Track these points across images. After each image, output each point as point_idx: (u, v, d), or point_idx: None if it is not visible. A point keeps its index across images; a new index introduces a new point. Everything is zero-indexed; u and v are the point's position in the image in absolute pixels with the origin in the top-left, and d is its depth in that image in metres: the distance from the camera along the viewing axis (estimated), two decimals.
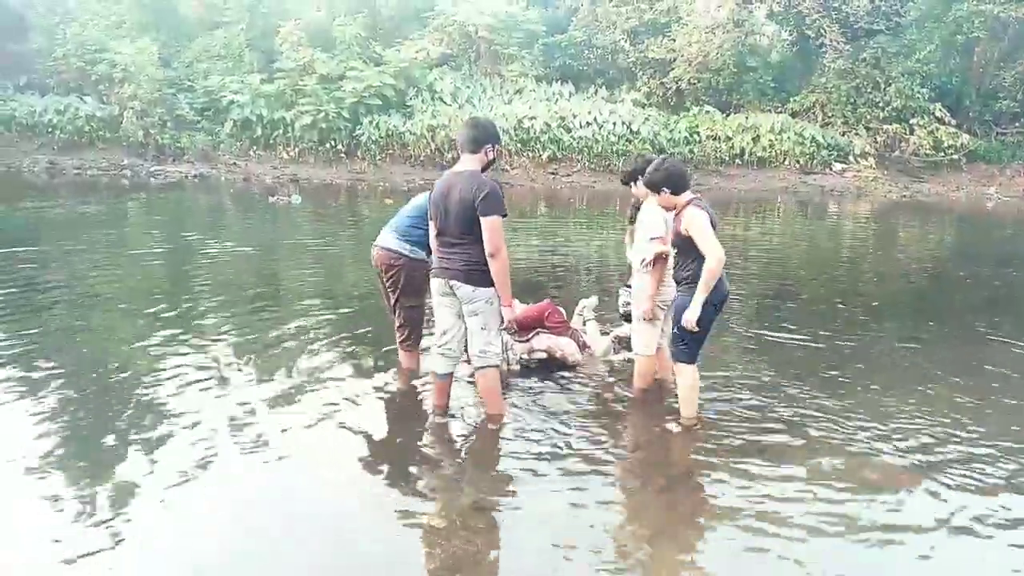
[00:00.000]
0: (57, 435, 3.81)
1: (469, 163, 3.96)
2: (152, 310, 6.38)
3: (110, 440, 3.78)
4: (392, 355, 5.00)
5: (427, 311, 4.71)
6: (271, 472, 3.55)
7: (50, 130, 20.91)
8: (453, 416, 4.30)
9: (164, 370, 4.81)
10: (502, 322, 4.05)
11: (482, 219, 3.78)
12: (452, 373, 4.28)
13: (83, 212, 12.89)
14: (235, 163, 21.48)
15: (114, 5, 24.26)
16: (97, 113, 21.20)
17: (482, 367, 4.09)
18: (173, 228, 11.37)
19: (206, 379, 4.67)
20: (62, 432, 3.85)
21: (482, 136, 3.96)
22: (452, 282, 3.95)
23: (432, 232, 4.09)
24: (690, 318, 3.82)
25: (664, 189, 4.00)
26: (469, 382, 4.59)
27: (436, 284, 4.10)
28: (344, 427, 4.10)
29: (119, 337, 5.64)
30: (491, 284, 3.92)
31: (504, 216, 3.86)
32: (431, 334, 4.59)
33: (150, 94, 21.18)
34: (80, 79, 22.05)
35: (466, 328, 4.09)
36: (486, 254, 3.82)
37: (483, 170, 3.98)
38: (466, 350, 4.21)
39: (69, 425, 3.95)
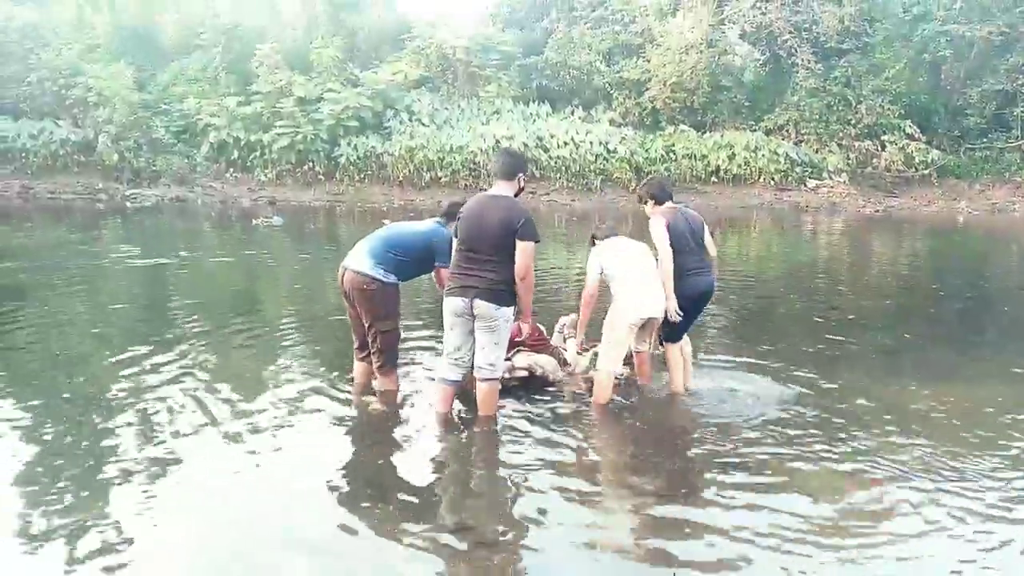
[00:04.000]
0: (25, 461, 3.73)
1: (504, 189, 4.26)
2: (128, 334, 6.30)
3: (80, 465, 3.71)
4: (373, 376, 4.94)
5: (402, 332, 4.85)
6: (250, 493, 3.51)
7: (23, 154, 20.75)
8: (437, 430, 4.30)
9: (140, 394, 4.72)
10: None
11: (520, 242, 4.06)
12: (460, 380, 4.41)
13: (57, 236, 12.74)
14: (211, 186, 21.40)
15: (89, 29, 24.18)
16: (71, 137, 21.07)
17: (487, 379, 4.28)
18: (151, 251, 11.25)
19: (184, 402, 4.59)
20: (29, 458, 3.77)
21: (516, 165, 4.32)
22: (475, 301, 4.07)
23: (456, 250, 4.26)
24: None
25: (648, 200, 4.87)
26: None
27: (454, 304, 4.15)
28: (325, 448, 4.05)
29: (93, 361, 5.55)
30: (511, 304, 4.17)
31: (537, 242, 4.15)
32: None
33: (125, 118, 21.11)
34: (54, 103, 21.92)
35: (474, 341, 4.26)
36: (516, 275, 4.10)
37: (515, 195, 4.29)
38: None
39: (37, 449, 3.87)
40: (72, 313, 7.08)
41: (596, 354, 5.34)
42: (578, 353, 5.33)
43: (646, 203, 4.91)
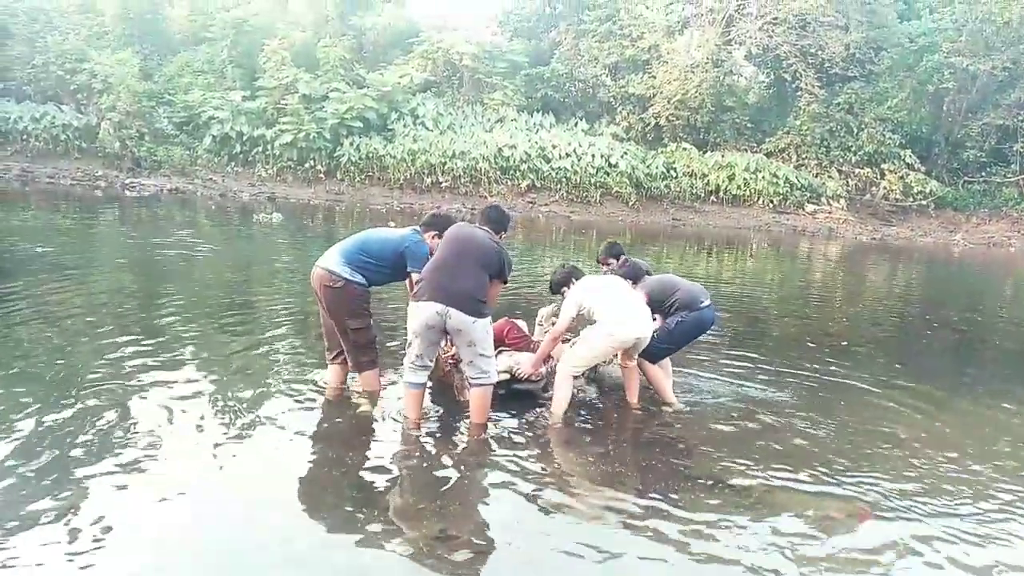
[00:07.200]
0: (11, 451, 3.71)
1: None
2: (116, 322, 6.27)
3: (67, 459, 3.69)
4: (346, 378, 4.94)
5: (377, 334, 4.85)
6: (234, 495, 3.49)
7: (24, 137, 20.68)
8: (424, 436, 4.28)
9: (119, 386, 4.69)
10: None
11: (495, 279, 4.33)
12: (426, 382, 4.46)
13: (53, 221, 12.70)
14: (212, 178, 21.37)
15: (97, 16, 24.19)
16: (74, 122, 21.04)
17: (481, 384, 4.32)
18: (150, 242, 11.22)
19: (171, 398, 4.56)
20: (15, 448, 3.75)
21: (500, 222, 4.63)
22: (451, 310, 4.07)
23: (435, 259, 4.32)
24: None
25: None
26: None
27: (427, 312, 4.12)
28: (306, 453, 4.03)
29: (82, 352, 5.52)
30: (486, 315, 4.24)
31: (505, 283, 4.54)
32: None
33: (129, 106, 21.08)
34: (58, 88, 21.92)
35: (437, 349, 4.41)
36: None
37: None
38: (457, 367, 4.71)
39: (11, 435, 3.84)
40: (62, 299, 7.05)
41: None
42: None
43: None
